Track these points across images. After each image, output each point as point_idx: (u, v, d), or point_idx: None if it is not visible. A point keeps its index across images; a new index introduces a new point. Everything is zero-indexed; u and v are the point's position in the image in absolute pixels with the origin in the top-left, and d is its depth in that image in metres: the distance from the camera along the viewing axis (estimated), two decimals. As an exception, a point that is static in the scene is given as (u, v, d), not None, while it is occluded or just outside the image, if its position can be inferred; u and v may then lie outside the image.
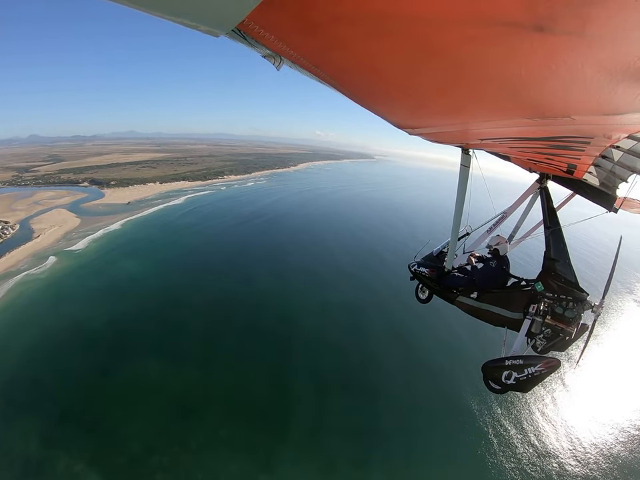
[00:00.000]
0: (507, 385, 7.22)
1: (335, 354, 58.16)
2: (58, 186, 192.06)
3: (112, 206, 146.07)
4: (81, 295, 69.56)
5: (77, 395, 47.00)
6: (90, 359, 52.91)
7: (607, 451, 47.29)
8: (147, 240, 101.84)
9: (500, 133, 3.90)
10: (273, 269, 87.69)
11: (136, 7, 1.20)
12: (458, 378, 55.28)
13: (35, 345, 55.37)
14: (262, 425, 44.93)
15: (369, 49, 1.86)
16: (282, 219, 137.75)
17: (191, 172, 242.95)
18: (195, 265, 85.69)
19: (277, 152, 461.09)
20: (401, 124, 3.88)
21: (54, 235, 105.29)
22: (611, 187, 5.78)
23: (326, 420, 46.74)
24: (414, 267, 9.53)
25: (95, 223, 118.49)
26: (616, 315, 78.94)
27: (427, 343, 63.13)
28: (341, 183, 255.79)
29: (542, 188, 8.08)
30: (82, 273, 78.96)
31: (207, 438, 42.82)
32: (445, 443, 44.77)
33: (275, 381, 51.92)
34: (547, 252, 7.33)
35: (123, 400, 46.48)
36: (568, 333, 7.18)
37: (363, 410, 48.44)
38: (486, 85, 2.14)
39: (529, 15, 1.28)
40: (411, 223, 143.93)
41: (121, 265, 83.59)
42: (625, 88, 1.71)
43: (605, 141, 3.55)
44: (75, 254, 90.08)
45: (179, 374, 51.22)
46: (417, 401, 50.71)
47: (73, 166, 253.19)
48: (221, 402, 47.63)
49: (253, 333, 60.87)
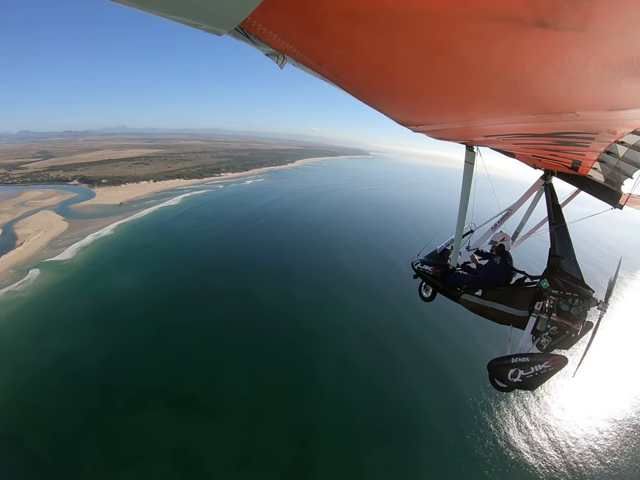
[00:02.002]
0: (513, 383, 7.09)
1: (363, 391, 50.31)
2: (46, 184, 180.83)
3: (103, 207, 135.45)
4: (66, 321, 59.79)
5: (64, 459, 37.93)
6: (78, 410, 43.59)
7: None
8: (140, 248, 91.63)
9: (504, 130, 3.79)
10: (280, 279, 79.33)
11: (139, 6, 1.19)
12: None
13: (12, 393, 45.48)
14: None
15: (373, 46, 1.84)
16: (285, 222, 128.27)
17: (185, 169, 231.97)
18: (194, 279, 76.12)
19: (272, 148, 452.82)
20: (404, 121, 3.78)
21: (39, 242, 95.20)
22: (615, 183, 5.53)
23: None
24: (417, 264, 9.43)
25: (84, 227, 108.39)
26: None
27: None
28: (340, 181, 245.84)
29: (546, 184, 7.88)
30: (68, 292, 69.07)
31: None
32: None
33: (296, 436, 43.60)
34: (552, 249, 7.11)
35: (122, 462, 38.06)
36: (574, 331, 6.95)
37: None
38: (489, 81, 2.12)
39: (530, 11, 1.27)
40: (418, 223, 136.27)
41: (112, 281, 73.78)
42: (629, 83, 1.69)
43: (610, 137, 3.55)
44: (61, 266, 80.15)
45: (184, 423, 42.82)
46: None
47: (63, 162, 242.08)
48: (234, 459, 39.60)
49: (265, 374, 51.84)
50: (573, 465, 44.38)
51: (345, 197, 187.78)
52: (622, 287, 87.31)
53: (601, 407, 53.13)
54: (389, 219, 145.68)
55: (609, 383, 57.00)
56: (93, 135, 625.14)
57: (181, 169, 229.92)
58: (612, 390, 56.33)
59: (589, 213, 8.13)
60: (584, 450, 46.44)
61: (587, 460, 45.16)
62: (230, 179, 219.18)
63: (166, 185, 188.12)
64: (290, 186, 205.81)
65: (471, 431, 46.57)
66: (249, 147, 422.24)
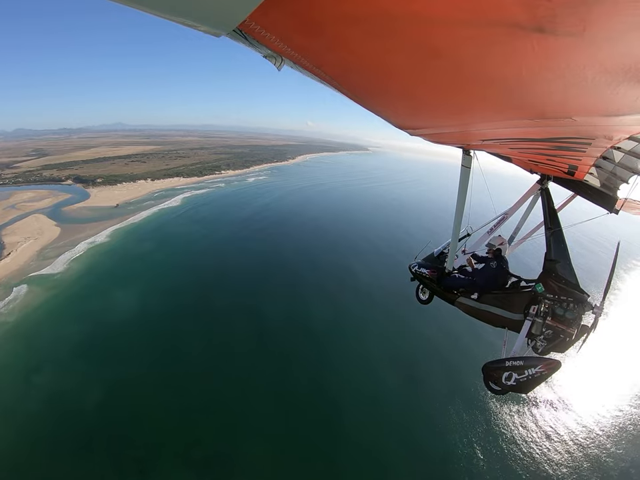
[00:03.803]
0: (507, 385, 7.09)
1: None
2: (39, 184, 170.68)
3: (98, 210, 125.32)
4: (57, 354, 50.46)
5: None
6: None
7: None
8: (138, 258, 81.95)
9: (501, 134, 3.81)
10: (290, 295, 70.88)
11: (137, 6, 1.18)
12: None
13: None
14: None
15: (371, 50, 1.82)
16: (290, 225, 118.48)
17: (184, 166, 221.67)
18: (197, 296, 66.79)
19: (270, 143, 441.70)
20: (402, 124, 3.74)
21: (28, 252, 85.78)
22: (612, 188, 5.70)
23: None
24: (414, 267, 9.41)
25: (77, 233, 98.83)
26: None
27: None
28: (344, 178, 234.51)
29: (543, 189, 7.82)
30: (59, 314, 59.68)
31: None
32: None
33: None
34: (548, 253, 7.09)
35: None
36: (568, 334, 6.93)
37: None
38: (487, 85, 2.12)
39: (529, 16, 1.26)
40: (426, 226, 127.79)
41: (107, 300, 64.12)
42: (626, 89, 1.69)
43: (606, 142, 3.57)
44: (52, 281, 70.64)
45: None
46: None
47: (58, 161, 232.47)
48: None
49: (283, 413, 43.92)
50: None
51: (351, 196, 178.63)
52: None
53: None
54: (400, 223, 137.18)
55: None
56: (89, 132, 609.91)
57: (179, 167, 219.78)
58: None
59: (584, 217, 8.57)
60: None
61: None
62: (231, 177, 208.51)
63: (164, 184, 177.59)
64: (294, 184, 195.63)
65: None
66: (248, 143, 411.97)
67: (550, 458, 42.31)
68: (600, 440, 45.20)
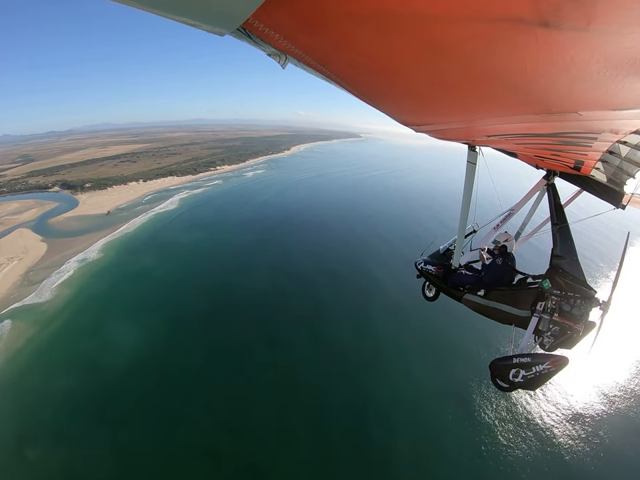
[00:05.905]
0: (515, 382, 6.92)
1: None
2: (25, 193, 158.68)
3: (87, 219, 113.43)
4: (50, 418, 40.23)
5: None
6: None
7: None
8: (135, 278, 70.99)
9: (506, 129, 3.71)
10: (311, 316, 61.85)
11: (139, 6, 1.16)
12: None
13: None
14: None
15: (376, 48, 1.80)
16: (295, 224, 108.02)
17: (177, 164, 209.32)
18: (205, 324, 56.90)
19: (262, 135, 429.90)
20: (407, 121, 3.68)
21: (11, 276, 75.15)
22: (618, 183, 5.37)
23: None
24: (420, 264, 9.16)
25: (65, 249, 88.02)
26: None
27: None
28: (341, 167, 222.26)
29: (549, 185, 7.54)
30: (49, 359, 48.97)
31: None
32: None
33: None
34: (554, 249, 6.87)
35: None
36: (576, 331, 6.69)
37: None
38: (492, 81, 2.10)
39: (534, 11, 1.25)
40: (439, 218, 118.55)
41: (103, 335, 53.78)
42: (632, 82, 1.66)
43: (612, 137, 3.50)
44: (38, 312, 59.88)
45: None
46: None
47: (44, 166, 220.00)
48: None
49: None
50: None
51: (352, 186, 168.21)
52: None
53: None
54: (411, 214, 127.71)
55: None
56: (76, 133, 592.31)
57: (171, 165, 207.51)
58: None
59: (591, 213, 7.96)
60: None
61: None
62: (228, 173, 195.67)
63: (157, 184, 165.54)
64: (292, 177, 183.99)
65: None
66: (239, 136, 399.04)
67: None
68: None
